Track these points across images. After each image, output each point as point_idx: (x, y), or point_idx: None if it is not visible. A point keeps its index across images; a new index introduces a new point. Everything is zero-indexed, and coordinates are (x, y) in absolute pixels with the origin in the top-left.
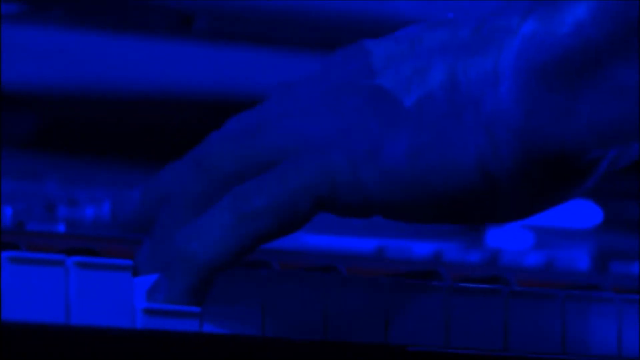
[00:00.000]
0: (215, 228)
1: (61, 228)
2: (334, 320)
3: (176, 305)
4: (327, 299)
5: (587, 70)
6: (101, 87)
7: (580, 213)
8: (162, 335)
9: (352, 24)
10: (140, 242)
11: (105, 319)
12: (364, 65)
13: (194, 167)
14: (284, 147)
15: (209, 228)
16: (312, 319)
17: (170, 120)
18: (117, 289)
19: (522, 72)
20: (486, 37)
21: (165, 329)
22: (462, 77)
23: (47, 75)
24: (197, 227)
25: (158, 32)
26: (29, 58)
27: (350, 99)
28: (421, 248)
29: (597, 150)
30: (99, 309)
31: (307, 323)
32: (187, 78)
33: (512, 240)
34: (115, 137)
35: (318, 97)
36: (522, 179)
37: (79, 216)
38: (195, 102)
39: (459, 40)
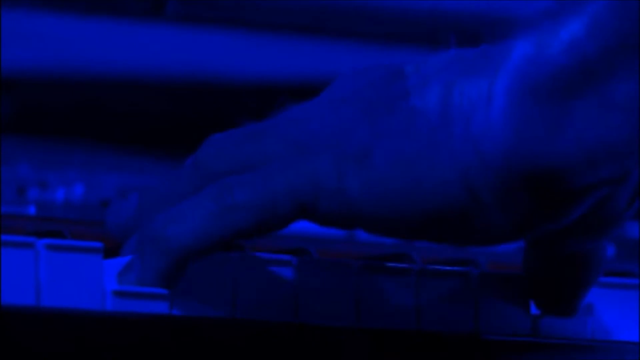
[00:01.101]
0: (195, 215)
1: (32, 210)
2: (305, 302)
3: (146, 287)
4: (297, 281)
5: (579, 87)
6: (73, 71)
7: None
8: (132, 318)
9: (327, 6)
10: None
11: (76, 301)
12: (370, 81)
13: (190, 167)
14: (277, 150)
15: (189, 214)
16: (283, 301)
17: (143, 104)
18: (87, 271)
19: (515, 89)
20: (489, 58)
21: (135, 312)
22: (457, 93)
23: (18, 58)
24: (177, 211)
25: (131, 16)
26: None
27: (347, 108)
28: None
29: (586, 175)
30: (69, 291)
31: (278, 305)
32: (159, 62)
33: None
34: (87, 120)
35: (319, 107)
36: (507, 198)
37: (50, 199)
38: (167, 85)
39: (463, 60)
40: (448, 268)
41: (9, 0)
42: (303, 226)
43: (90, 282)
